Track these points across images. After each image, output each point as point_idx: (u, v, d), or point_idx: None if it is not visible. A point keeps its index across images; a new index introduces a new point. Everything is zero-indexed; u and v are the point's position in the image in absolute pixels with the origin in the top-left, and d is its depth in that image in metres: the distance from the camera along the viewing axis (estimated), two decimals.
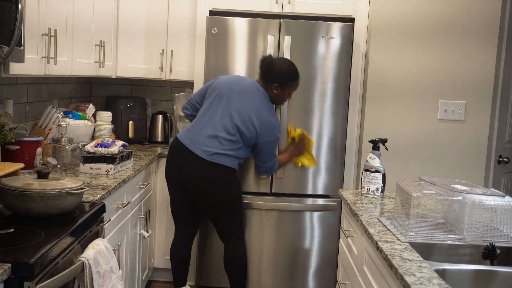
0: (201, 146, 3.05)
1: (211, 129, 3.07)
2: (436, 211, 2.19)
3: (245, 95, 3.11)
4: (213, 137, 3.05)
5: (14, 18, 1.98)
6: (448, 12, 3.52)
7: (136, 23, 3.87)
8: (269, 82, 3.16)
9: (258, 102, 3.10)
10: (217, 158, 3.03)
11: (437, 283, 1.52)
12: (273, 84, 3.15)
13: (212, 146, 3.04)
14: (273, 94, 3.17)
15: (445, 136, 3.61)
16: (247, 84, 3.16)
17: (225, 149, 3.04)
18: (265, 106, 3.12)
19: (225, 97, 3.11)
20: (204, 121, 3.11)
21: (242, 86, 3.15)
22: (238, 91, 3.12)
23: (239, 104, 3.08)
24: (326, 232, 3.62)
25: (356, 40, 3.60)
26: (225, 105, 3.09)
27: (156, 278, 3.89)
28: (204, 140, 3.06)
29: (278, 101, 3.24)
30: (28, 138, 2.71)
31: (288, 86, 3.17)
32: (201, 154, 3.03)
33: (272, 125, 3.10)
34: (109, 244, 2.03)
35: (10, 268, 1.51)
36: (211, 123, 3.08)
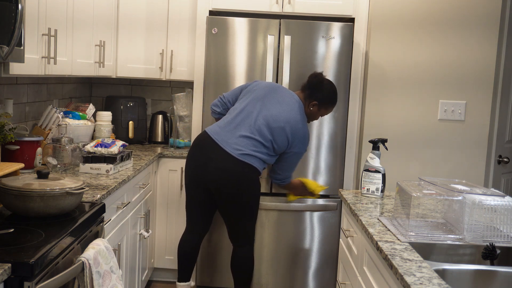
0: (232, 145, 3.02)
1: (245, 130, 3.04)
2: (436, 211, 2.19)
3: (284, 103, 3.11)
4: (247, 138, 3.03)
5: (14, 18, 1.98)
6: (448, 7, 3.52)
7: (136, 22, 3.87)
8: (310, 98, 3.17)
9: (296, 113, 3.10)
10: (247, 158, 3.01)
11: (437, 283, 1.52)
12: (313, 101, 3.17)
13: (243, 146, 3.01)
14: (308, 110, 3.20)
15: (445, 136, 3.61)
16: (287, 94, 3.17)
17: (256, 151, 3.03)
18: (302, 119, 3.12)
19: (263, 101, 3.10)
20: (238, 121, 3.08)
21: (281, 94, 3.16)
22: (277, 98, 3.12)
23: (277, 110, 3.08)
24: (326, 232, 3.62)
25: (356, 40, 3.60)
26: (262, 109, 3.08)
27: (156, 278, 3.89)
28: (236, 139, 3.03)
29: (310, 118, 3.25)
30: (28, 138, 2.71)
31: (325, 107, 3.21)
32: (231, 151, 3.00)
33: (305, 138, 3.12)
34: (109, 244, 2.03)
35: (10, 268, 1.51)
36: (246, 124, 3.06)
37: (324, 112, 3.25)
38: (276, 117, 3.06)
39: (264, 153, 3.06)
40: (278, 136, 3.05)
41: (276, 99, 3.12)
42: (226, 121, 3.11)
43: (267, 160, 3.10)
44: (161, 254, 3.79)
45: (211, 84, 3.54)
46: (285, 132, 3.06)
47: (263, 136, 3.04)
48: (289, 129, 3.06)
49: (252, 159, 3.02)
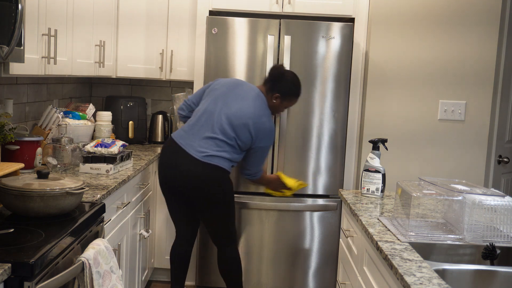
0: (197, 147, 3.00)
1: (208, 130, 3.03)
2: (436, 211, 2.19)
3: (245, 99, 3.08)
4: (210, 138, 3.01)
5: (14, 18, 1.98)
6: (448, 5, 3.51)
7: (136, 22, 3.86)
8: (272, 91, 3.15)
9: (258, 108, 3.08)
10: (211, 159, 2.98)
11: (437, 283, 1.52)
12: (275, 94, 3.15)
13: (207, 147, 3.00)
14: (271, 103, 3.17)
15: (445, 136, 3.61)
16: (248, 89, 3.14)
17: (220, 150, 3.00)
18: (265, 112, 3.10)
19: (224, 99, 3.08)
20: (201, 122, 3.07)
21: (242, 90, 3.13)
22: (238, 94, 3.10)
23: (238, 107, 3.05)
24: (326, 232, 3.62)
25: (356, 40, 3.60)
26: (223, 107, 3.05)
27: (156, 278, 3.89)
28: (200, 141, 3.01)
29: (274, 111, 3.23)
30: (28, 138, 2.71)
31: (288, 99, 3.19)
32: (195, 155, 2.99)
33: (270, 132, 3.09)
34: (109, 244, 2.03)
35: (10, 268, 1.51)
36: (209, 124, 3.04)
37: (287, 104, 3.22)
38: (238, 114, 3.03)
39: (229, 152, 3.03)
40: (241, 132, 3.03)
41: (237, 95, 3.09)
42: (190, 124, 3.11)
43: (234, 158, 3.07)
44: (161, 254, 3.79)
45: None
46: (248, 128, 3.03)
47: (226, 135, 3.02)
48: (252, 124, 3.03)
49: (216, 159, 2.99)
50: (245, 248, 3.63)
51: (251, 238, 3.62)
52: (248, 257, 3.64)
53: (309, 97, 3.52)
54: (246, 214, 3.59)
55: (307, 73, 3.51)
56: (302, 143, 3.55)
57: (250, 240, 3.62)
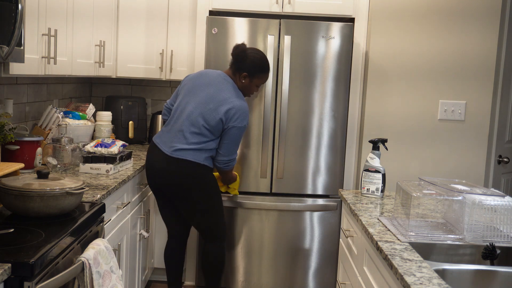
0: (168, 143, 3.01)
1: (180, 125, 3.02)
2: (436, 211, 2.19)
3: (210, 85, 3.05)
4: (180, 132, 3.00)
5: (14, 18, 1.98)
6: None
7: (136, 21, 3.86)
8: (238, 71, 3.10)
9: (226, 91, 3.02)
10: (180, 154, 2.96)
11: (437, 283, 1.52)
12: (242, 73, 3.09)
13: (177, 142, 2.99)
14: (240, 84, 3.11)
15: (445, 136, 3.61)
16: (213, 76, 3.11)
17: (188, 142, 2.97)
18: (234, 94, 3.03)
19: (192, 92, 3.07)
20: (174, 119, 3.08)
21: (207, 78, 3.10)
22: (204, 83, 3.07)
23: (204, 95, 3.02)
24: (326, 232, 3.62)
25: (356, 40, 3.60)
26: (191, 99, 3.04)
27: (156, 278, 3.89)
28: (172, 137, 3.02)
29: (246, 92, 3.16)
30: (28, 138, 2.71)
31: (257, 77, 3.12)
32: (166, 151, 2.99)
33: (243, 110, 3.00)
34: (109, 244, 2.03)
35: (10, 268, 1.51)
36: (181, 119, 3.03)
37: (258, 82, 3.14)
38: (205, 100, 3.00)
39: (200, 142, 2.98)
40: (210, 117, 2.97)
41: (203, 84, 3.07)
42: (167, 123, 3.14)
43: (205, 147, 2.99)
44: (161, 254, 3.79)
45: None
46: (218, 112, 2.97)
47: (194, 125, 2.98)
48: (221, 108, 2.97)
49: (185, 152, 2.97)
50: (245, 248, 3.63)
51: (251, 238, 3.62)
52: (248, 257, 3.64)
53: (309, 97, 3.52)
54: (246, 214, 3.59)
55: (307, 73, 3.51)
56: (301, 143, 3.55)
57: (250, 240, 3.62)
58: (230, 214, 3.58)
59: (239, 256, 3.64)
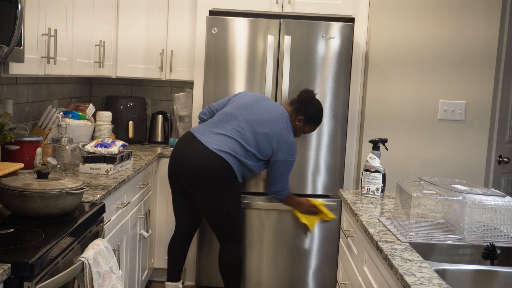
0: (212, 140, 3.04)
1: (226, 130, 3.07)
2: (436, 211, 2.19)
3: (269, 111, 3.14)
4: (227, 137, 3.05)
5: (14, 18, 1.98)
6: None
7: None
8: (297, 112, 3.21)
9: (280, 122, 3.13)
10: (224, 155, 3.01)
11: (437, 283, 1.52)
12: (299, 116, 3.21)
13: (221, 143, 3.03)
14: (294, 125, 3.23)
15: (445, 136, 3.61)
16: (272, 104, 3.22)
17: (233, 150, 3.03)
18: (287, 128, 3.15)
19: (247, 107, 3.13)
20: (221, 122, 3.12)
21: (267, 103, 3.20)
22: (263, 106, 3.16)
23: (262, 116, 3.11)
24: (326, 232, 3.62)
25: (356, 40, 3.60)
26: (247, 114, 3.11)
27: (156, 278, 3.89)
28: (216, 136, 3.06)
29: (294, 133, 3.27)
30: (28, 138, 2.71)
31: (310, 125, 3.27)
32: (207, 144, 3.02)
33: (291, 146, 3.13)
34: (109, 244, 2.03)
35: (10, 268, 1.51)
36: (229, 125, 3.08)
37: (307, 130, 3.30)
38: (260, 123, 3.09)
39: (243, 156, 3.05)
40: (262, 141, 3.07)
41: (262, 107, 3.15)
42: (210, 121, 3.18)
43: (247, 164, 3.08)
44: (161, 254, 3.79)
45: (211, 84, 3.54)
46: (269, 138, 3.08)
47: (245, 139, 3.06)
48: (273, 135, 3.08)
49: (227, 156, 3.01)
50: (245, 248, 3.63)
51: (251, 238, 3.62)
52: (248, 257, 3.64)
53: None
54: (246, 214, 3.59)
55: (307, 73, 3.51)
56: (302, 142, 3.55)
57: (250, 240, 3.62)
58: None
59: None
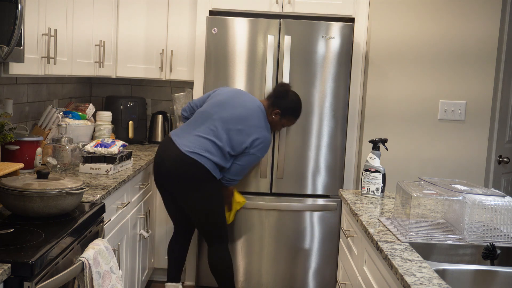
0: (186, 142, 3.05)
1: (201, 130, 3.07)
2: (436, 211, 2.19)
3: (245, 107, 3.12)
4: (200, 137, 3.05)
5: (14, 18, 1.98)
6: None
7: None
8: (273, 106, 3.20)
9: (256, 119, 3.12)
10: (195, 156, 3.01)
11: (437, 283, 1.52)
12: (275, 110, 3.19)
13: (195, 145, 3.03)
14: (270, 118, 3.21)
15: (445, 136, 3.61)
16: (249, 99, 3.20)
17: (207, 151, 3.02)
18: (262, 124, 3.14)
19: (223, 105, 3.13)
20: (197, 122, 3.12)
21: (243, 99, 3.18)
22: (238, 102, 3.14)
23: (237, 113, 3.09)
24: (326, 232, 3.62)
25: (356, 40, 3.60)
26: (222, 111, 3.10)
27: (156, 278, 3.89)
28: (191, 137, 3.06)
29: (272, 127, 3.26)
30: (28, 138, 2.71)
31: (287, 118, 3.24)
32: (182, 148, 3.03)
33: (264, 143, 3.12)
34: (109, 244, 2.03)
35: (10, 268, 1.51)
36: (203, 125, 3.09)
37: (286, 123, 3.27)
38: (234, 120, 3.08)
39: (215, 154, 3.04)
40: (235, 137, 3.06)
41: (237, 103, 3.14)
42: (188, 122, 3.20)
43: (218, 162, 3.05)
44: (161, 254, 3.79)
45: (211, 84, 3.54)
46: (243, 135, 3.07)
47: (218, 137, 3.05)
48: (247, 131, 3.07)
49: (202, 158, 3.01)
50: (245, 248, 3.63)
51: (251, 238, 3.62)
52: (248, 257, 3.64)
53: (309, 97, 3.52)
54: (246, 214, 3.59)
55: (307, 73, 3.51)
56: (301, 142, 3.55)
57: (250, 240, 3.62)
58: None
59: (239, 256, 3.64)
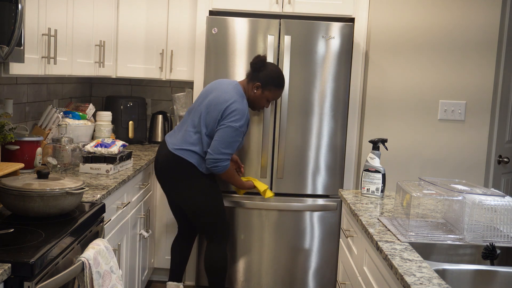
0: (174, 140, 3.10)
1: (185, 125, 3.12)
2: (436, 211, 2.19)
3: (218, 90, 3.10)
4: (186, 132, 3.09)
5: (14, 18, 1.98)
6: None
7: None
8: (252, 80, 3.14)
9: (227, 93, 3.04)
10: (180, 153, 3.04)
11: (437, 283, 1.52)
12: (255, 83, 3.13)
13: (181, 141, 3.07)
14: (252, 94, 3.15)
15: (445, 136, 3.61)
16: (224, 82, 3.18)
17: (188, 142, 3.04)
18: (235, 96, 3.03)
19: (203, 95, 3.16)
20: (185, 119, 3.18)
21: (220, 84, 3.16)
22: (215, 88, 3.13)
23: (211, 97, 3.08)
24: (326, 232, 3.62)
25: (356, 40, 3.60)
26: (201, 102, 3.12)
27: (156, 278, 3.89)
28: (180, 135, 3.11)
29: (255, 104, 3.20)
30: (28, 138, 2.71)
31: (269, 90, 3.15)
32: (169, 146, 3.08)
33: (239, 113, 2.98)
34: (109, 244, 2.03)
35: (10, 268, 1.51)
36: (187, 120, 3.14)
37: (269, 96, 3.16)
38: (208, 102, 3.06)
39: (196, 143, 3.03)
40: (208, 116, 3.02)
41: (214, 88, 3.13)
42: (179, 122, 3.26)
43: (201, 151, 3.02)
44: (161, 254, 3.79)
45: None
46: (215, 109, 3.00)
47: (193, 124, 3.06)
48: (218, 106, 3.00)
49: (185, 153, 3.03)
50: (245, 248, 3.63)
51: (251, 238, 3.62)
52: (248, 257, 3.64)
53: (309, 97, 3.52)
54: (246, 214, 3.59)
55: (307, 73, 3.51)
56: (301, 142, 3.55)
57: (250, 240, 3.62)
58: (230, 214, 3.58)
59: (239, 256, 3.64)
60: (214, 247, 3.20)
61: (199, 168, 3.05)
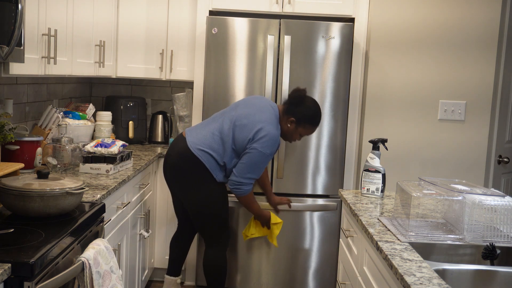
0: (195, 139, 3.03)
1: (211, 127, 3.05)
2: (436, 211, 2.19)
3: (256, 106, 3.03)
4: (209, 133, 3.02)
5: (14, 18, 1.98)
6: (447, 19, 3.52)
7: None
8: (288, 113, 3.04)
9: (263, 114, 2.98)
10: (199, 153, 2.98)
11: (437, 283, 1.52)
12: (290, 118, 3.04)
13: (202, 142, 3.00)
14: (286, 127, 3.06)
15: (445, 136, 3.61)
16: (263, 101, 3.10)
17: (210, 146, 2.98)
18: (271, 120, 2.97)
19: (238, 105, 3.09)
20: (209, 120, 3.13)
21: (258, 100, 3.10)
22: (251, 103, 3.08)
23: (246, 111, 3.01)
24: (326, 232, 3.62)
25: (356, 40, 3.60)
26: (232, 111, 3.06)
27: (156, 278, 3.89)
28: (202, 134, 3.04)
29: (287, 136, 3.12)
30: (28, 138, 2.71)
31: (304, 127, 3.06)
32: (189, 143, 3.01)
33: (271, 139, 2.92)
34: (109, 244, 2.03)
35: (10, 268, 1.51)
36: (214, 122, 3.07)
37: (303, 132, 3.08)
38: (242, 116, 2.99)
39: (219, 152, 2.98)
40: (239, 132, 2.95)
41: (251, 103, 3.07)
42: (204, 120, 3.19)
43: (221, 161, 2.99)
44: (161, 254, 3.79)
45: (211, 84, 3.54)
46: (247, 128, 2.93)
47: (223, 133, 2.99)
48: (251, 125, 2.93)
49: (203, 154, 2.98)
50: (245, 248, 3.63)
51: (250, 238, 3.61)
52: (248, 257, 3.64)
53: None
54: (246, 214, 3.59)
55: (307, 73, 3.51)
56: (301, 142, 3.55)
57: (249, 240, 3.61)
58: (230, 214, 3.58)
59: (239, 256, 3.64)
60: (213, 252, 3.19)
61: (212, 173, 3.00)
